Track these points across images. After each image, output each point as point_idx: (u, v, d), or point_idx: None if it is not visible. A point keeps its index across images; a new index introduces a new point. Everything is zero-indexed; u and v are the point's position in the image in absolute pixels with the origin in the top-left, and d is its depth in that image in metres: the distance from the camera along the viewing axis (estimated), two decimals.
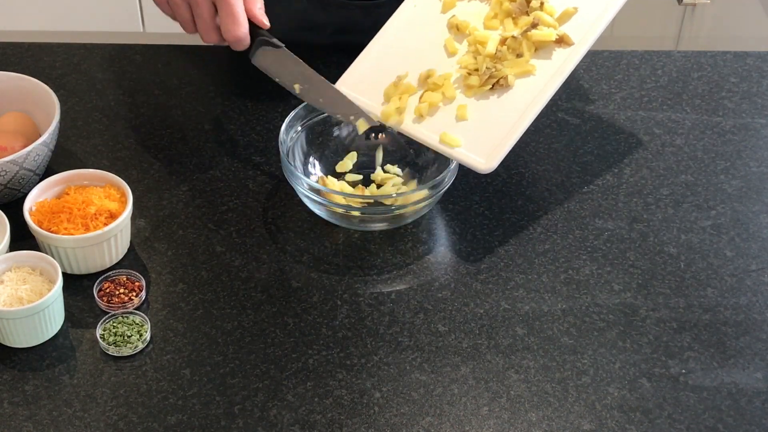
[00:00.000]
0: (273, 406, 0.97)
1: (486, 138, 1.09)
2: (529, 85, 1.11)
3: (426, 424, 0.95)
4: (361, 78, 1.16)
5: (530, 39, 1.12)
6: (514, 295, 1.07)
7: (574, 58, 1.11)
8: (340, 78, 1.17)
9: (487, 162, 1.08)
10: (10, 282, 1.01)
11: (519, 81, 1.11)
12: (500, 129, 1.09)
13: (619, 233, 1.14)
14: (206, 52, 1.38)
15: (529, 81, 1.11)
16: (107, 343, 1.00)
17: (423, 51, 1.16)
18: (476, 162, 1.08)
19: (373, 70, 1.16)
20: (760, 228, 1.15)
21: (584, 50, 1.11)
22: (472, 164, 1.08)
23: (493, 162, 1.07)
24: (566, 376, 0.99)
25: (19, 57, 1.37)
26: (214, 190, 1.18)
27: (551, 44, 1.12)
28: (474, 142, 1.09)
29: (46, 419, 0.95)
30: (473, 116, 1.11)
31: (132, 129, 1.27)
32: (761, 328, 1.04)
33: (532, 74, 1.11)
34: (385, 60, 1.17)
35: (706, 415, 0.97)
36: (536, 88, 1.10)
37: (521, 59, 1.12)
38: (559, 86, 1.10)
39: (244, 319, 1.04)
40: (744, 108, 1.31)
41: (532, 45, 1.12)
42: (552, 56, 1.12)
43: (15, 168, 1.10)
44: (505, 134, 1.08)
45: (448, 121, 1.11)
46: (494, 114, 1.10)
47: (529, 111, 1.09)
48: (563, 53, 1.12)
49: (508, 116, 1.09)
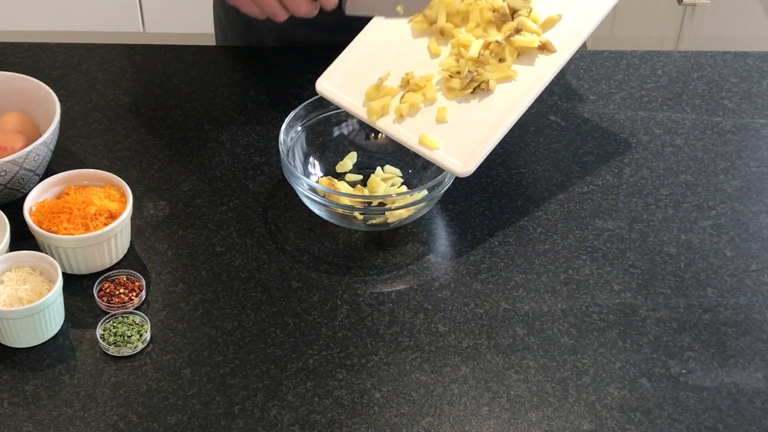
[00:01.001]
0: (273, 406, 0.97)
1: (465, 141, 1.09)
2: (509, 91, 1.11)
3: (426, 424, 0.95)
4: (343, 76, 1.16)
5: (513, 44, 1.12)
6: (514, 295, 1.07)
7: (556, 65, 1.11)
8: (322, 75, 1.17)
9: (465, 165, 1.08)
10: (10, 282, 1.01)
11: (500, 86, 1.12)
12: (479, 133, 1.09)
13: (619, 233, 1.14)
14: (206, 52, 1.38)
15: (510, 86, 1.12)
16: (107, 343, 1.00)
17: (406, 52, 1.17)
18: (454, 165, 1.08)
19: (355, 69, 1.16)
20: (760, 228, 1.15)
21: (566, 57, 1.12)
22: (450, 167, 1.08)
23: (470, 166, 1.08)
24: (566, 376, 1.00)
25: (19, 57, 1.37)
26: (214, 190, 1.18)
27: (534, 50, 1.13)
28: (453, 145, 1.09)
29: (46, 419, 0.95)
30: (453, 119, 1.11)
31: (132, 129, 1.27)
32: (761, 328, 1.04)
33: (514, 79, 1.12)
34: (367, 59, 1.17)
35: (706, 415, 0.97)
36: (517, 93, 1.11)
37: (503, 64, 1.12)
38: (539, 93, 1.11)
39: (244, 319, 1.04)
40: (744, 108, 1.31)
41: (514, 50, 1.13)
42: (534, 62, 1.12)
43: (15, 168, 1.10)
44: (484, 138, 1.09)
45: (428, 123, 1.11)
46: (474, 118, 1.10)
47: (509, 116, 1.10)
48: (545, 60, 1.12)
49: (488, 120, 1.10)
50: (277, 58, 1.36)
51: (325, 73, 1.17)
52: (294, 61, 1.34)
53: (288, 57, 1.36)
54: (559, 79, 1.35)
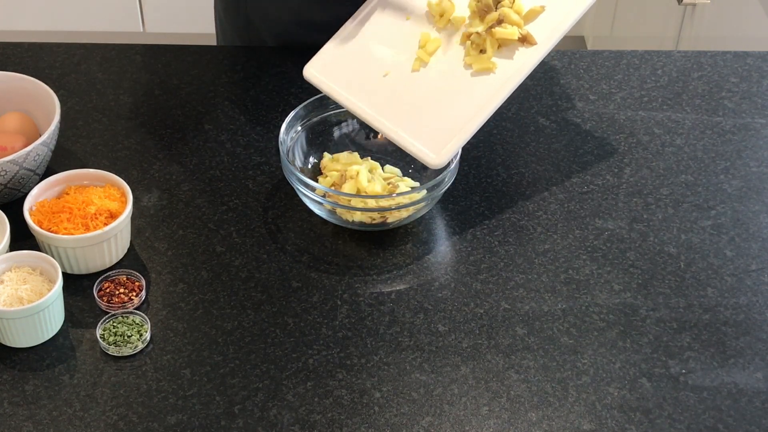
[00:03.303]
0: (273, 406, 0.97)
1: (439, 133, 1.10)
2: (487, 83, 1.11)
3: (426, 424, 0.95)
4: (331, 62, 1.16)
5: (494, 36, 1.12)
6: (514, 295, 1.07)
7: (536, 58, 1.11)
8: (310, 60, 1.18)
9: (438, 157, 1.09)
10: (10, 282, 1.01)
11: (478, 78, 1.12)
12: (454, 125, 1.10)
13: (619, 233, 1.14)
14: (206, 52, 1.38)
15: (489, 78, 1.12)
16: (107, 343, 1.00)
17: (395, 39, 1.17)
18: (427, 156, 1.09)
19: (343, 55, 1.17)
20: (760, 228, 1.15)
21: (546, 50, 1.12)
22: (423, 158, 1.09)
23: (443, 158, 1.09)
24: (566, 376, 1.00)
25: (19, 57, 1.37)
26: (214, 190, 1.18)
27: (514, 43, 1.12)
28: (427, 135, 1.10)
29: (46, 419, 0.95)
30: (429, 110, 1.11)
31: (132, 129, 1.27)
32: (761, 328, 1.04)
33: (492, 72, 1.12)
34: (355, 46, 1.17)
35: (706, 415, 0.97)
36: (494, 86, 1.11)
37: (483, 56, 1.12)
38: (516, 86, 1.11)
39: (244, 319, 1.04)
40: (744, 108, 1.31)
41: (495, 42, 1.13)
42: (514, 55, 1.12)
43: (15, 168, 1.10)
44: (459, 131, 1.09)
45: (405, 112, 1.12)
46: (449, 109, 1.11)
47: (484, 109, 1.10)
48: (525, 53, 1.12)
49: (463, 113, 1.10)
50: (277, 58, 1.36)
51: (313, 59, 1.18)
52: (294, 61, 1.34)
53: (288, 57, 1.36)
54: (559, 79, 1.35)
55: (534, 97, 1.32)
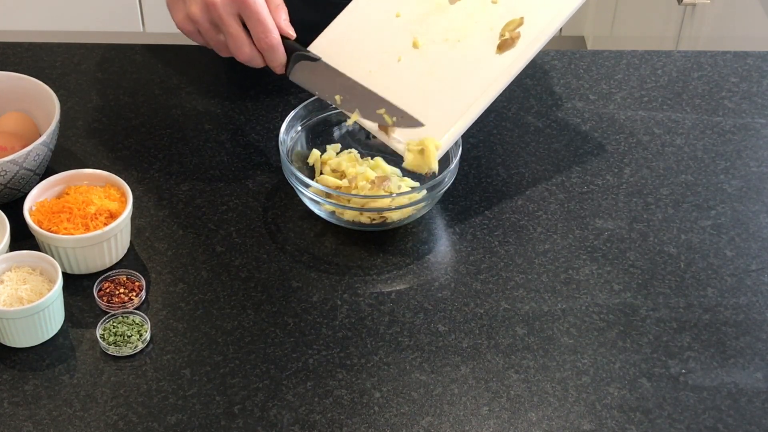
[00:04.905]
0: (273, 406, 0.97)
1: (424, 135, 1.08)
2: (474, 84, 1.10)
3: (426, 424, 0.95)
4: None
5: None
6: (514, 295, 1.07)
7: (523, 60, 1.09)
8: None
9: None
10: (10, 282, 1.01)
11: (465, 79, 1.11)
12: (438, 130, 1.08)
13: (619, 233, 1.14)
14: (206, 52, 1.38)
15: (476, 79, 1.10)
16: (107, 343, 1.01)
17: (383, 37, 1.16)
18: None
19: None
20: (760, 228, 1.15)
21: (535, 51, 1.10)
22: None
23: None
24: (566, 376, 1.00)
25: (19, 57, 1.37)
26: (214, 190, 1.18)
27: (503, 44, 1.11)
28: (412, 136, 1.09)
29: (46, 419, 0.95)
30: (415, 110, 1.09)
31: (132, 129, 1.27)
32: (761, 328, 1.04)
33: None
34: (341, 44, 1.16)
35: (706, 415, 0.97)
36: (482, 86, 1.09)
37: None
38: (504, 87, 1.09)
39: (244, 319, 1.04)
40: (744, 108, 1.31)
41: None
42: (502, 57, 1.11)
43: (15, 168, 1.10)
44: (443, 136, 1.08)
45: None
46: (433, 114, 1.09)
47: (468, 114, 1.08)
48: (513, 54, 1.10)
49: (448, 117, 1.09)
50: None
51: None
52: None
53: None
54: (559, 79, 1.35)
55: (534, 97, 1.32)
